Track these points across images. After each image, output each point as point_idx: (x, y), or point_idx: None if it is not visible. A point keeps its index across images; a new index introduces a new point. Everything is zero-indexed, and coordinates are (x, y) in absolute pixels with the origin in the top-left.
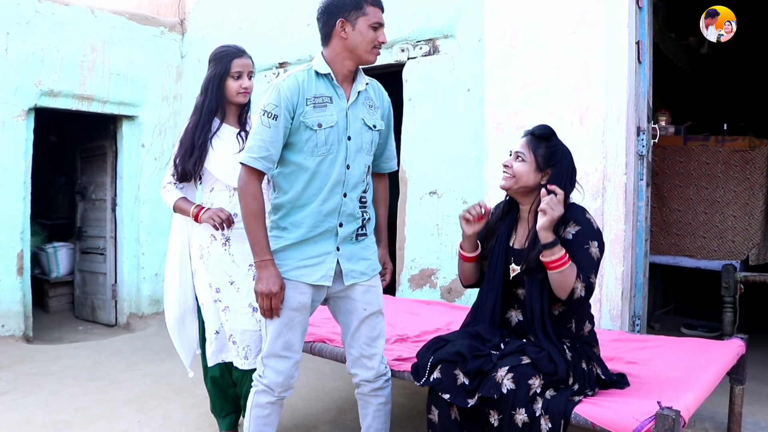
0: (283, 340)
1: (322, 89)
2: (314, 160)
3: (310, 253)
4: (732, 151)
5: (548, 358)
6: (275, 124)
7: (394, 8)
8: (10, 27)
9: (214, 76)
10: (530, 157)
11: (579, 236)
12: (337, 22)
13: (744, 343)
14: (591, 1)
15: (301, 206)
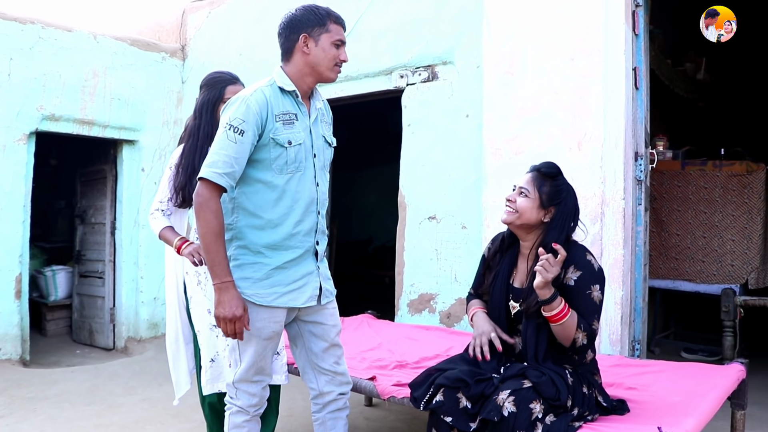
0: (257, 367)
1: (288, 106)
2: (283, 178)
3: (294, 275)
4: (729, 175)
5: (550, 383)
6: (242, 140)
7: (393, 35)
8: (13, 52)
9: (208, 101)
10: (534, 194)
11: (580, 282)
12: (300, 37)
13: (744, 367)
14: (588, 28)
15: (273, 227)
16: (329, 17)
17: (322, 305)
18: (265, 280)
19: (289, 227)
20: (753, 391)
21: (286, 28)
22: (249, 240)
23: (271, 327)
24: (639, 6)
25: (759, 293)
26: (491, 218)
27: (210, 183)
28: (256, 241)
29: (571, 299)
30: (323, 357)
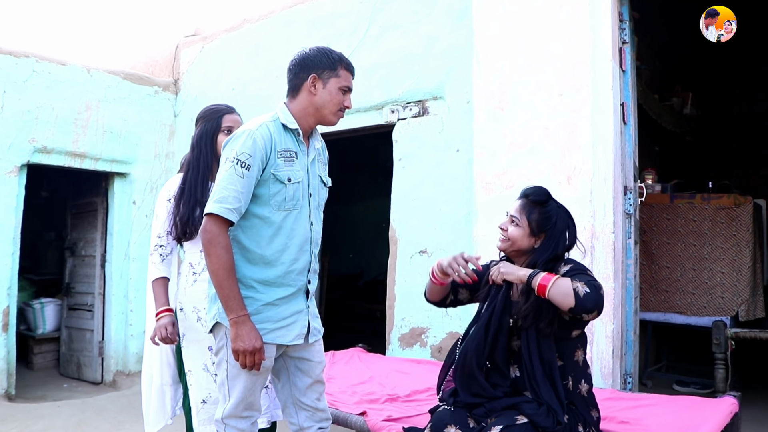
0: (246, 402)
1: (289, 143)
2: (280, 215)
3: (284, 313)
4: (718, 208)
5: (546, 413)
6: (248, 174)
7: (384, 70)
8: (7, 85)
9: (206, 132)
10: (524, 222)
11: (572, 270)
12: (310, 77)
13: (737, 400)
14: (576, 65)
15: (266, 263)
16: (341, 63)
17: (311, 343)
18: (255, 315)
19: (284, 264)
20: (746, 424)
21: (296, 66)
22: (242, 274)
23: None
24: (626, 43)
25: (750, 325)
26: (482, 252)
27: (219, 218)
28: (249, 276)
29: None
30: (306, 393)
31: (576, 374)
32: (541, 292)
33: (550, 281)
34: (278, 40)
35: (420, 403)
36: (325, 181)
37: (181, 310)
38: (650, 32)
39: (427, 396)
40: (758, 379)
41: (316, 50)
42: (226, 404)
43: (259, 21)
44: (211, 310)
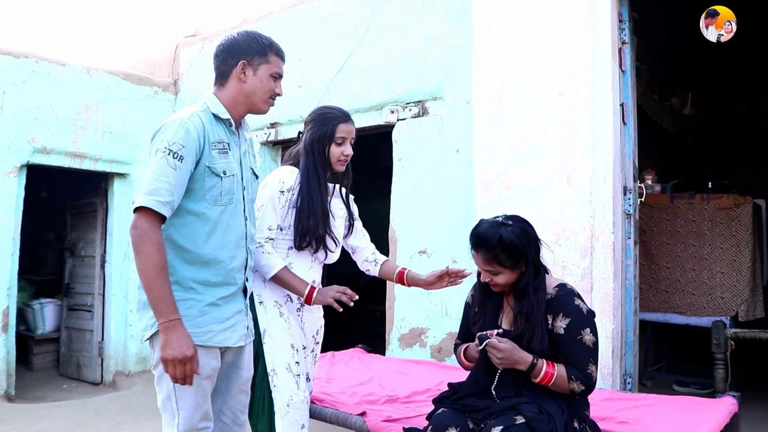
0: (201, 411)
1: (222, 134)
2: (216, 210)
3: (227, 313)
4: (717, 208)
5: (546, 420)
6: (181, 166)
7: (384, 71)
8: (6, 86)
9: (318, 140)
10: (501, 268)
11: (570, 330)
12: (239, 63)
13: (737, 400)
14: (576, 65)
15: (205, 262)
16: (271, 48)
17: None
18: (200, 318)
19: (223, 263)
20: (745, 425)
21: (224, 51)
22: (180, 275)
23: (210, 364)
24: (625, 43)
25: (749, 325)
26: None
27: (151, 212)
28: (188, 277)
29: (563, 347)
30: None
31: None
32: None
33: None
34: (278, 40)
35: (419, 404)
36: (256, 174)
37: (261, 303)
38: (650, 32)
39: (427, 397)
40: (758, 380)
41: (245, 35)
42: (177, 419)
43: (258, 21)
44: (143, 317)
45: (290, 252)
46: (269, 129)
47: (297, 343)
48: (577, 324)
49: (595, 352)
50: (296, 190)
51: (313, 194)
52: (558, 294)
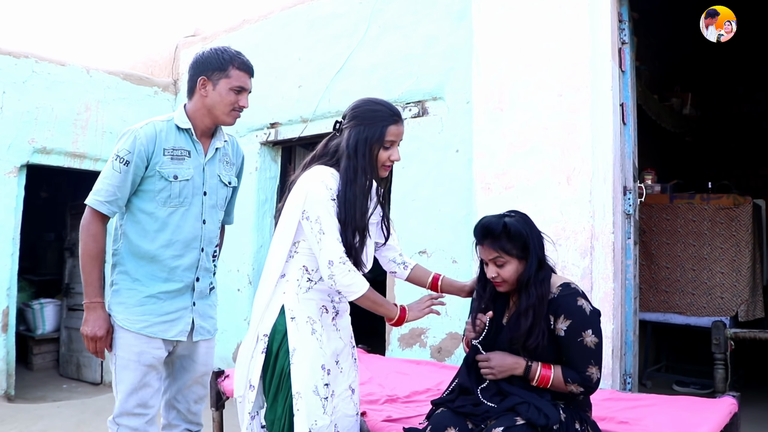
0: (137, 397)
1: (182, 142)
2: (166, 211)
3: (169, 308)
4: (717, 208)
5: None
6: (126, 170)
7: (383, 71)
8: (6, 86)
9: (364, 141)
10: (507, 257)
11: (571, 331)
12: (199, 79)
13: (737, 400)
14: (576, 65)
15: (151, 258)
16: (232, 63)
17: (195, 342)
18: (138, 307)
19: (168, 260)
20: (745, 425)
21: (191, 67)
22: (129, 267)
23: (150, 353)
24: (625, 43)
25: (749, 325)
26: None
27: (92, 209)
28: (135, 269)
29: (563, 349)
30: (184, 392)
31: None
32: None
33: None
34: (278, 40)
35: (419, 404)
36: (225, 182)
37: (293, 319)
38: (650, 32)
39: (427, 397)
40: (758, 380)
41: (210, 51)
42: (117, 402)
43: (258, 21)
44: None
45: None
46: (269, 129)
47: (329, 363)
48: (579, 325)
49: (597, 353)
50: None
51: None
52: (561, 294)
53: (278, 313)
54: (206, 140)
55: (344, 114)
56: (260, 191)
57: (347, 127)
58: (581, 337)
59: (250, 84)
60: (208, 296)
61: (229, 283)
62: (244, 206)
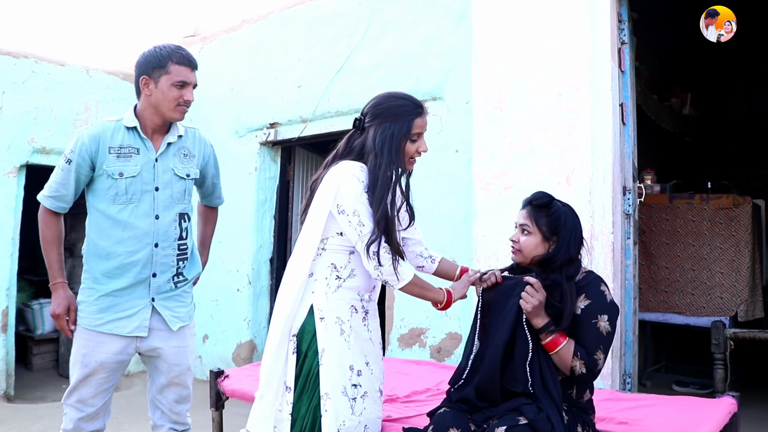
0: (77, 393)
1: (129, 140)
2: (115, 208)
3: (126, 305)
4: (717, 208)
5: (546, 420)
6: (68, 168)
7: (383, 71)
8: (5, 86)
9: (392, 137)
10: (534, 228)
11: (587, 311)
12: (141, 79)
13: (736, 400)
14: (575, 65)
15: (106, 254)
16: (171, 58)
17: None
18: (95, 305)
19: (120, 256)
20: (745, 425)
21: (135, 68)
22: (90, 265)
23: (94, 356)
24: (624, 44)
25: (749, 325)
26: (481, 253)
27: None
28: (94, 267)
29: (577, 327)
30: (162, 392)
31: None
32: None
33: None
34: (277, 40)
35: (419, 404)
36: (181, 175)
37: (322, 320)
38: (649, 32)
39: (427, 397)
40: (757, 380)
41: (149, 49)
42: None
43: (258, 21)
44: None
45: (351, 257)
46: (269, 129)
47: (358, 363)
48: (596, 308)
49: (608, 342)
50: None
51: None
52: (585, 278)
53: (307, 313)
54: (159, 137)
55: (364, 111)
56: (260, 191)
57: (371, 124)
58: (596, 320)
59: (192, 77)
60: (175, 289)
61: (228, 283)
62: (244, 206)
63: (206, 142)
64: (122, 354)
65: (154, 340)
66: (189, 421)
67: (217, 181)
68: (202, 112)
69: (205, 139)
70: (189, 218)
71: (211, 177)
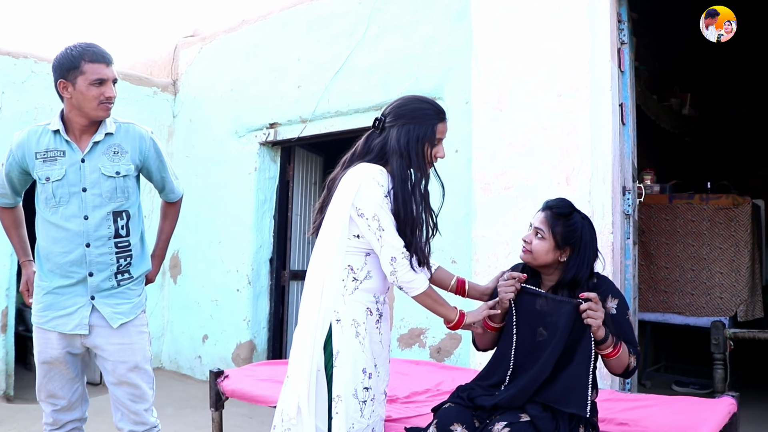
0: (45, 389)
1: (55, 144)
2: (48, 211)
3: (66, 303)
4: (716, 208)
5: (550, 419)
6: (2, 170)
7: (383, 71)
8: (5, 86)
9: (416, 140)
10: (549, 235)
11: (620, 309)
12: (58, 84)
13: (736, 400)
14: (575, 65)
15: (46, 255)
16: (83, 58)
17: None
18: (41, 303)
19: (57, 257)
20: (745, 425)
21: (52, 73)
22: (38, 264)
23: (47, 352)
24: (624, 44)
25: (748, 325)
26: (480, 253)
27: None
28: (41, 266)
29: (616, 326)
30: (115, 391)
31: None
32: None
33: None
34: (277, 40)
35: (419, 404)
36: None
37: (338, 322)
38: (649, 33)
39: (427, 397)
40: (757, 380)
41: (61, 52)
42: None
43: (257, 22)
44: None
45: (368, 259)
46: (268, 129)
47: (370, 366)
48: (624, 304)
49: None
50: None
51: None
52: (601, 279)
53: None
54: (89, 137)
55: (385, 112)
56: (259, 191)
57: (394, 125)
58: (627, 315)
59: (108, 73)
60: (118, 287)
61: (228, 284)
62: (244, 206)
63: (143, 136)
64: (71, 347)
65: (96, 338)
66: (152, 420)
67: (166, 175)
68: (202, 112)
69: (143, 132)
70: (129, 216)
71: (156, 171)
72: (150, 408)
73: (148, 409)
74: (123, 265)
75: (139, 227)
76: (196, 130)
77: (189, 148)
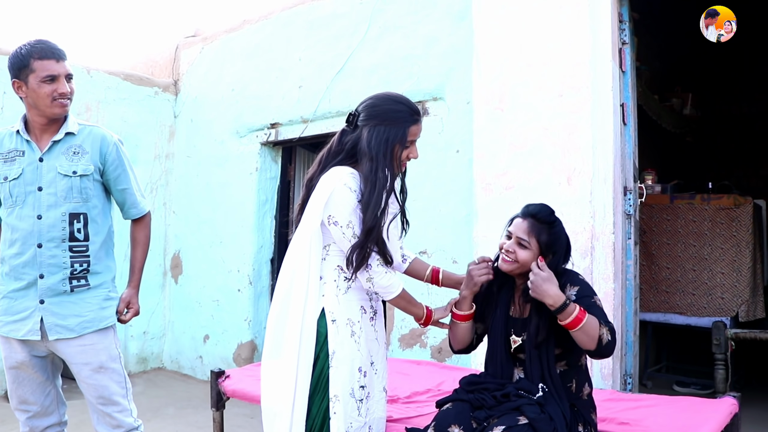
0: (16, 396)
1: (16, 144)
2: (5, 212)
3: (18, 306)
4: (718, 208)
5: (548, 420)
6: None
7: (384, 71)
8: (6, 86)
9: (386, 141)
10: (534, 245)
11: (581, 293)
12: (13, 84)
13: (737, 401)
14: (576, 65)
15: (3, 259)
16: (32, 55)
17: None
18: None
19: (11, 259)
20: (746, 425)
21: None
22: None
23: (12, 357)
24: (625, 44)
25: (750, 326)
26: (481, 253)
27: None
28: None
29: None
30: (86, 393)
31: (579, 378)
32: (570, 325)
33: (582, 321)
34: (278, 40)
35: (420, 404)
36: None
37: (333, 322)
38: (650, 33)
39: (427, 398)
40: (758, 380)
41: (12, 52)
42: None
43: (259, 22)
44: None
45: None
46: (269, 129)
47: (365, 365)
48: (586, 290)
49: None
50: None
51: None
52: (564, 271)
53: (318, 315)
54: (49, 136)
55: (359, 108)
56: (260, 191)
57: (366, 125)
58: (593, 299)
59: (59, 68)
60: (71, 294)
61: (229, 284)
62: (245, 206)
63: (106, 138)
64: (34, 351)
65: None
66: (129, 422)
67: (128, 186)
68: (204, 112)
69: (106, 135)
70: (88, 219)
71: (116, 179)
72: (126, 409)
73: (122, 410)
74: (78, 270)
75: (102, 235)
76: (198, 130)
77: (190, 148)
